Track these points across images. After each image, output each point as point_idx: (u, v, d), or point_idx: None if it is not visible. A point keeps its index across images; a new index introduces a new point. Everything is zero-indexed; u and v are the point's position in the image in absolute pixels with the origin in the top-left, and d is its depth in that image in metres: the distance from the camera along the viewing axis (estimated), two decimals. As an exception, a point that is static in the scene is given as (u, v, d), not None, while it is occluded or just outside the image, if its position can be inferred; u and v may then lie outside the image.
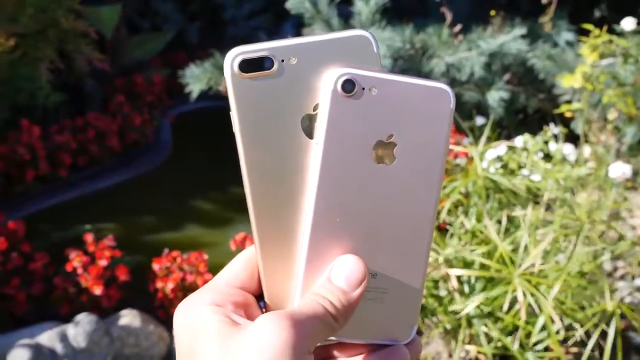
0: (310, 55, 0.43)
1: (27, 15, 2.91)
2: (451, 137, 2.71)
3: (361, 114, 0.43)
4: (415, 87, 0.43)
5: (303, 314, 0.41)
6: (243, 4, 4.50)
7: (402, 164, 0.44)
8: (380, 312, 0.45)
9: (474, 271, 1.61)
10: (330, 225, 0.43)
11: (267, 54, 0.42)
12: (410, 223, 0.44)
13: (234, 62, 0.42)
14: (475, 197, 1.81)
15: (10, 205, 2.82)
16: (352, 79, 0.42)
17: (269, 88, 0.43)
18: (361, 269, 0.43)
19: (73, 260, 2.17)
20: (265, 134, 0.43)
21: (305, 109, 0.43)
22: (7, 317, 2.19)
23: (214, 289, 0.43)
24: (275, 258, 0.44)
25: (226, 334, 0.40)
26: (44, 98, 3.06)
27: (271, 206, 0.44)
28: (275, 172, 0.43)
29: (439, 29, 2.99)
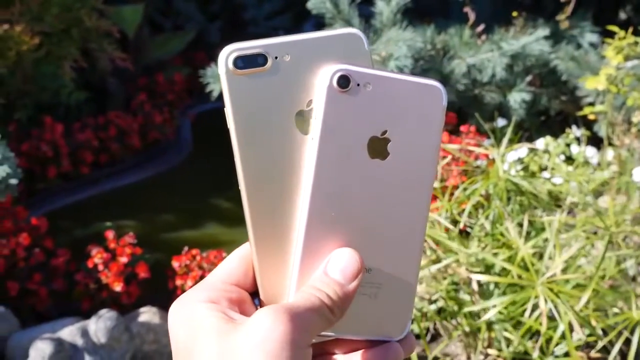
0: (303, 52, 0.44)
1: (52, 14, 2.95)
2: (472, 139, 2.70)
3: (356, 109, 0.43)
4: (409, 84, 0.44)
5: (300, 307, 0.40)
6: (264, 4, 4.52)
7: (396, 159, 0.44)
8: (374, 307, 0.45)
9: (495, 277, 1.60)
10: (325, 220, 0.44)
11: (261, 50, 0.43)
12: (404, 218, 0.45)
13: (228, 58, 0.43)
14: (496, 200, 1.80)
15: (33, 202, 2.86)
16: (347, 74, 0.43)
17: (262, 84, 0.43)
18: (357, 262, 0.43)
19: (94, 256, 2.19)
20: (259, 129, 0.43)
21: (299, 105, 0.44)
22: (29, 312, 2.23)
23: (209, 286, 0.43)
24: (270, 254, 0.44)
25: (223, 330, 0.39)
26: (67, 96, 3.10)
27: (266, 202, 0.44)
28: (269, 168, 0.44)
29: (461, 30, 2.98)
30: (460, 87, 2.91)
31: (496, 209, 1.79)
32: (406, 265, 0.45)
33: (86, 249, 2.24)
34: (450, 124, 2.95)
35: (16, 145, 2.85)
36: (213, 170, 3.44)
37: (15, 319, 2.12)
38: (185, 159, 3.50)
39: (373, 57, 2.81)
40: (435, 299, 1.83)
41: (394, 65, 2.72)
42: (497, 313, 1.64)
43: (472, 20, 3.02)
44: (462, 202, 1.92)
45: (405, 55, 2.71)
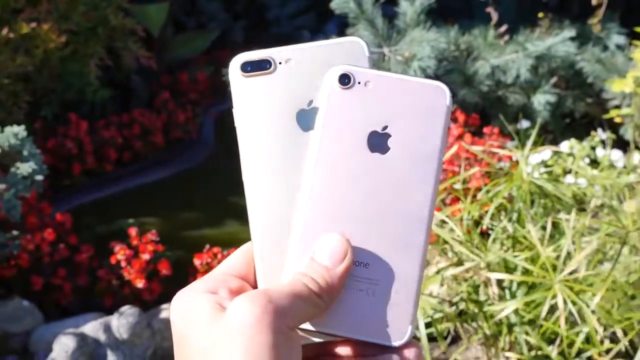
0: (306, 57, 0.47)
1: (78, 13, 2.99)
2: (495, 140, 2.67)
3: (357, 104, 0.45)
4: (410, 83, 0.46)
5: (282, 291, 0.40)
6: (287, 4, 4.53)
7: (397, 154, 0.45)
8: (372, 306, 0.44)
9: (514, 276, 1.59)
10: (324, 212, 0.44)
11: (267, 57, 0.47)
12: (405, 216, 0.45)
13: (237, 64, 0.46)
14: (519, 202, 1.78)
15: (57, 198, 2.90)
16: (349, 73, 0.45)
17: (267, 86, 0.46)
18: (343, 244, 0.43)
19: (117, 253, 2.22)
20: (262, 126, 0.46)
21: (300, 104, 0.46)
22: (53, 306, 2.26)
23: (209, 277, 0.43)
24: (270, 249, 0.45)
25: (212, 318, 0.39)
26: (92, 94, 3.14)
27: (266, 197, 0.46)
28: (271, 163, 0.46)
29: (485, 31, 2.95)
30: (483, 89, 2.88)
31: (519, 212, 1.77)
32: (408, 264, 0.44)
33: (109, 245, 2.27)
34: (473, 125, 2.92)
35: (42, 142, 2.90)
36: (235, 168, 3.43)
37: (39, 314, 2.16)
38: (207, 157, 3.52)
39: (396, 57, 2.79)
40: (455, 301, 1.82)
41: (417, 65, 2.71)
42: (517, 315, 1.62)
43: (495, 21, 2.99)
44: (485, 204, 1.90)
45: (428, 56, 2.70)
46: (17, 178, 2.10)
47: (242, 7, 4.61)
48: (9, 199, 2.07)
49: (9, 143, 2.13)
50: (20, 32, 2.77)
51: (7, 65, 2.74)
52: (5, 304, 2.13)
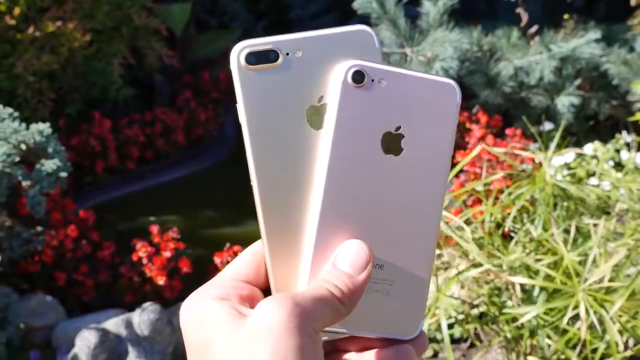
0: (315, 48, 0.44)
1: (103, 12, 3.02)
2: (518, 142, 2.65)
3: (370, 104, 0.44)
4: (423, 80, 0.44)
5: (306, 296, 0.40)
6: (310, 4, 4.53)
7: (410, 155, 0.44)
8: (386, 304, 0.45)
9: (536, 281, 1.57)
10: (338, 214, 0.43)
11: (273, 47, 0.43)
12: (418, 215, 0.45)
13: (240, 54, 0.43)
14: (542, 205, 1.76)
15: (80, 195, 2.93)
16: (361, 70, 0.43)
17: (274, 80, 0.43)
18: (365, 253, 0.43)
19: (139, 250, 2.24)
20: (271, 124, 0.44)
21: (310, 100, 0.44)
22: (75, 302, 2.28)
23: (219, 283, 0.43)
24: (282, 250, 0.44)
25: (234, 324, 0.39)
26: (115, 92, 3.17)
27: (277, 197, 0.44)
28: (281, 163, 0.44)
29: (509, 31, 2.93)
30: (506, 90, 2.86)
31: (542, 215, 1.76)
32: (419, 262, 0.45)
33: (130, 242, 2.29)
34: (496, 126, 2.90)
35: (66, 139, 2.93)
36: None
37: (61, 309, 2.18)
38: (228, 156, 3.54)
39: (418, 58, 2.79)
40: (476, 304, 1.81)
41: (439, 66, 2.70)
42: (539, 319, 1.61)
43: (525, 22, 2.96)
44: (507, 206, 1.89)
45: (451, 57, 2.69)
46: (41, 175, 2.13)
47: (265, 7, 4.63)
48: (34, 195, 2.10)
49: (35, 140, 2.16)
50: (46, 30, 2.81)
51: (32, 64, 2.78)
52: (29, 299, 2.16)
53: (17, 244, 2.17)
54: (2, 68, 2.78)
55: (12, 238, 2.17)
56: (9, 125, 2.14)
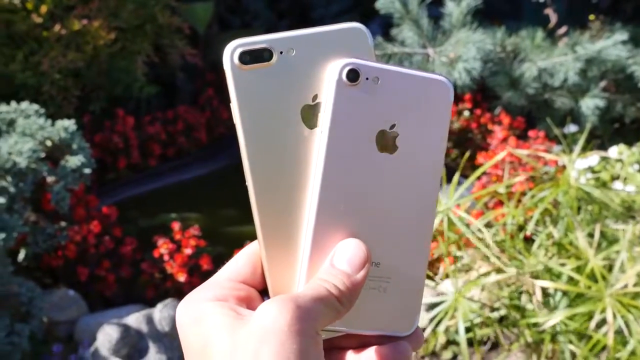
0: (308, 46, 0.44)
1: (127, 11, 3.05)
2: (541, 144, 2.62)
3: (365, 103, 0.43)
4: (417, 78, 0.45)
5: (306, 296, 0.40)
6: (331, 3, 4.53)
7: (404, 153, 0.44)
8: (383, 302, 0.45)
9: (561, 284, 1.55)
10: (334, 213, 0.43)
11: (266, 45, 0.43)
12: (413, 212, 0.45)
13: (233, 53, 0.43)
14: (566, 208, 1.75)
15: (103, 191, 2.96)
16: (356, 68, 0.43)
17: (268, 79, 0.43)
18: (363, 251, 0.43)
19: (160, 247, 2.26)
20: (266, 124, 0.43)
21: (305, 99, 0.44)
22: (97, 297, 2.31)
23: (216, 285, 0.43)
24: (278, 249, 0.44)
25: (234, 326, 0.39)
26: (138, 90, 3.20)
27: (273, 196, 0.44)
28: (276, 162, 0.44)
29: (533, 32, 2.90)
30: (529, 91, 2.83)
31: (565, 218, 1.74)
32: (415, 259, 0.45)
33: (152, 238, 2.31)
34: (518, 128, 2.88)
35: (90, 136, 2.97)
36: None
37: (84, 303, 2.21)
38: (249, 154, 3.54)
39: (441, 58, 2.77)
40: (496, 307, 1.80)
41: (462, 67, 2.68)
42: (562, 324, 1.59)
43: (553, 22, 2.93)
44: (529, 209, 1.87)
45: (474, 58, 2.67)
46: (66, 171, 2.15)
47: (286, 6, 4.63)
48: (59, 191, 2.12)
49: (60, 136, 2.18)
50: (71, 28, 2.84)
51: (58, 61, 2.81)
52: (52, 293, 2.19)
53: (42, 239, 2.20)
54: (29, 65, 2.82)
55: (37, 233, 2.20)
56: (35, 122, 2.17)
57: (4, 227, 1.92)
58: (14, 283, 2.02)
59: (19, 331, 1.92)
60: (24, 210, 2.12)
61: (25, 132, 2.14)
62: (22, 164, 2.01)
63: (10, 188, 2.03)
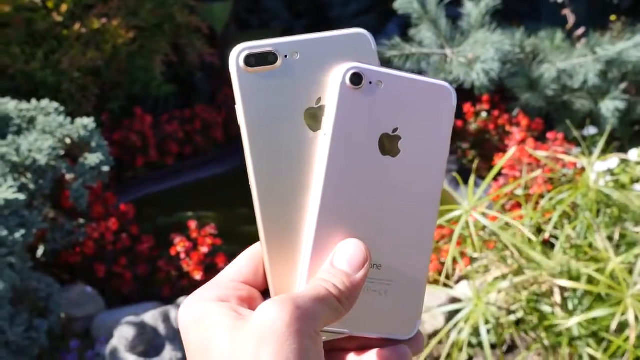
0: (313, 51, 0.45)
1: (146, 10, 3.07)
2: (560, 146, 2.60)
3: (368, 106, 0.44)
4: (420, 83, 0.45)
5: (306, 296, 0.40)
6: (350, 3, 4.53)
7: (407, 156, 0.45)
8: (384, 305, 0.45)
9: (581, 284, 1.54)
10: (336, 215, 0.44)
11: (271, 49, 0.44)
12: (414, 216, 0.45)
13: (239, 56, 0.44)
14: (585, 211, 1.73)
15: (121, 189, 2.99)
16: (359, 72, 0.44)
17: (273, 82, 0.44)
18: (363, 251, 0.43)
19: (177, 245, 2.27)
20: (270, 126, 0.44)
21: (308, 102, 0.44)
22: (114, 293, 2.33)
23: (218, 285, 0.43)
24: (280, 250, 0.44)
25: (235, 326, 0.39)
26: (156, 88, 3.22)
27: (276, 198, 0.44)
28: (279, 164, 0.44)
29: (553, 33, 2.87)
30: (548, 93, 2.81)
31: (584, 221, 1.72)
32: (416, 263, 0.45)
33: (168, 237, 2.32)
34: (537, 130, 2.86)
35: (108, 134, 2.99)
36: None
37: (101, 300, 2.23)
38: (265, 154, 3.55)
39: (459, 59, 2.75)
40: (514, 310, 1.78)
41: (480, 68, 2.67)
42: (580, 327, 1.57)
43: (571, 23, 2.91)
44: (547, 211, 1.85)
45: (492, 58, 2.65)
46: (85, 168, 2.17)
47: (304, 6, 4.64)
48: (77, 188, 2.14)
49: (79, 134, 2.20)
50: (91, 27, 2.87)
51: (78, 60, 2.84)
52: (69, 289, 2.21)
53: (60, 236, 2.22)
54: (49, 64, 2.85)
55: (55, 229, 2.22)
56: (54, 120, 2.20)
57: (24, 223, 1.94)
58: (33, 279, 2.04)
59: (37, 326, 1.94)
60: (43, 206, 2.14)
61: (45, 130, 2.16)
62: (41, 161, 2.03)
63: (30, 185, 2.05)
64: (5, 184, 1.90)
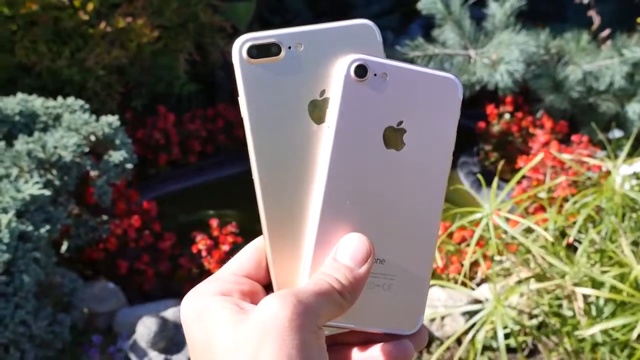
0: (317, 42, 0.44)
1: (171, 9, 3.09)
2: (584, 149, 2.57)
3: (373, 99, 0.43)
4: (425, 75, 0.44)
5: (308, 291, 0.40)
6: (372, 4, 4.52)
7: (411, 150, 0.44)
8: (387, 299, 0.44)
9: (603, 292, 1.52)
10: (339, 209, 0.43)
11: (275, 40, 0.43)
12: (419, 211, 0.44)
13: (242, 47, 0.43)
14: (610, 215, 1.71)
15: (143, 187, 3.02)
16: (364, 64, 0.43)
17: (276, 73, 0.43)
18: (366, 246, 0.43)
19: (199, 243, 2.28)
20: (273, 118, 0.43)
21: (312, 94, 0.44)
22: (135, 290, 2.35)
23: (220, 279, 0.43)
24: (283, 244, 0.44)
25: (237, 320, 0.39)
26: (180, 87, 3.24)
27: (279, 191, 0.44)
28: (282, 157, 0.44)
29: (578, 35, 2.84)
30: (573, 95, 2.78)
31: (609, 225, 1.70)
32: (420, 258, 0.45)
33: (190, 234, 2.34)
34: (561, 132, 2.82)
35: (132, 132, 3.02)
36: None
37: (123, 296, 2.25)
38: (286, 153, 3.56)
39: (483, 60, 2.74)
40: (536, 314, 1.77)
41: (504, 69, 2.65)
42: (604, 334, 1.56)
43: (597, 25, 2.87)
44: (571, 214, 1.83)
45: (516, 60, 2.63)
46: (109, 165, 2.20)
47: (327, 6, 4.64)
48: (101, 185, 2.17)
49: (103, 132, 2.23)
50: (116, 26, 2.90)
51: (103, 58, 2.87)
52: (92, 285, 2.24)
53: (84, 232, 2.25)
54: (75, 61, 2.89)
55: (79, 225, 2.25)
56: (80, 117, 2.22)
57: (49, 219, 1.97)
58: (57, 273, 2.07)
59: (61, 321, 1.97)
60: (68, 203, 2.17)
61: (70, 127, 2.19)
62: (67, 158, 2.06)
63: (56, 181, 2.08)
64: (31, 180, 1.93)
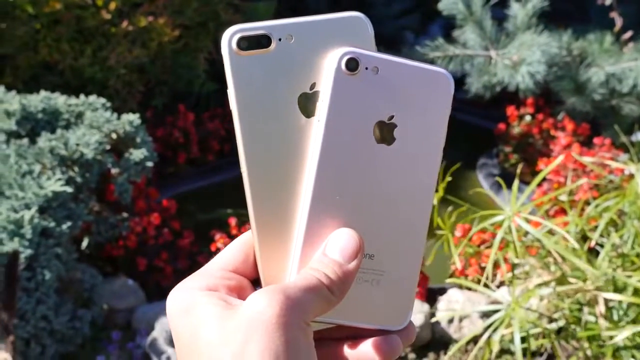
0: (308, 34, 0.43)
1: (192, 8, 3.11)
2: (607, 152, 2.54)
3: (363, 92, 0.43)
4: (417, 69, 0.44)
5: (296, 287, 0.39)
6: (393, 3, 4.51)
7: (402, 145, 0.43)
8: (375, 295, 0.44)
9: (627, 297, 1.50)
10: (329, 203, 0.43)
11: (265, 32, 0.42)
12: (409, 206, 0.44)
13: (232, 39, 0.42)
14: (632, 219, 1.69)
15: (162, 185, 3.04)
16: (355, 57, 0.42)
17: (266, 65, 0.42)
18: (356, 241, 0.42)
19: (217, 241, 2.29)
20: (262, 111, 0.43)
21: (302, 87, 0.43)
22: (154, 287, 2.37)
23: (207, 274, 0.42)
24: (271, 238, 0.43)
25: (223, 316, 0.39)
26: (199, 86, 3.26)
27: (267, 185, 0.43)
28: (271, 151, 0.43)
29: (602, 36, 2.81)
30: (596, 97, 2.75)
31: (632, 229, 1.68)
32: (409, 253, 0.45)
33: (209, 232, 2.35)
34: (582, 135, 2.80)
35: (152, 130, 3.04)
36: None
37: (141, 293, 2.27)
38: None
39: (504, 61, 2.72)
40: (556, 318, 1.75)
41: (525, 70, 2.62)
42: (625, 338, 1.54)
43: (619, 26, 2.84)
44: (593, 218, 1.81)
45: (538, 61, 2.61)
46: (129, 163, 2.21)
47: (346, 5, 4.63)
48: (122, 182, 2.19)
49: (125, 130, 2.25)
50: (138, 25, 2.92)
51: (124, 56, 2.90)
52: (112, 282, 2.26)
53: (104, 229, 2.27)
54: (97, 60, 2.91)
55: (100, 222, 2.27)
56: (101, 115, 2.25)
57: (70, 216, 1.99)
58: (77, 269, 2.09)
59: (81, 316, 1.99)
60: (89, 200, 2.19)
61: (92, 125, 2.21)
62: (88, 155, 2.08)
63: (77, 178, 2.10)
64: (53, 177, 1.95)
